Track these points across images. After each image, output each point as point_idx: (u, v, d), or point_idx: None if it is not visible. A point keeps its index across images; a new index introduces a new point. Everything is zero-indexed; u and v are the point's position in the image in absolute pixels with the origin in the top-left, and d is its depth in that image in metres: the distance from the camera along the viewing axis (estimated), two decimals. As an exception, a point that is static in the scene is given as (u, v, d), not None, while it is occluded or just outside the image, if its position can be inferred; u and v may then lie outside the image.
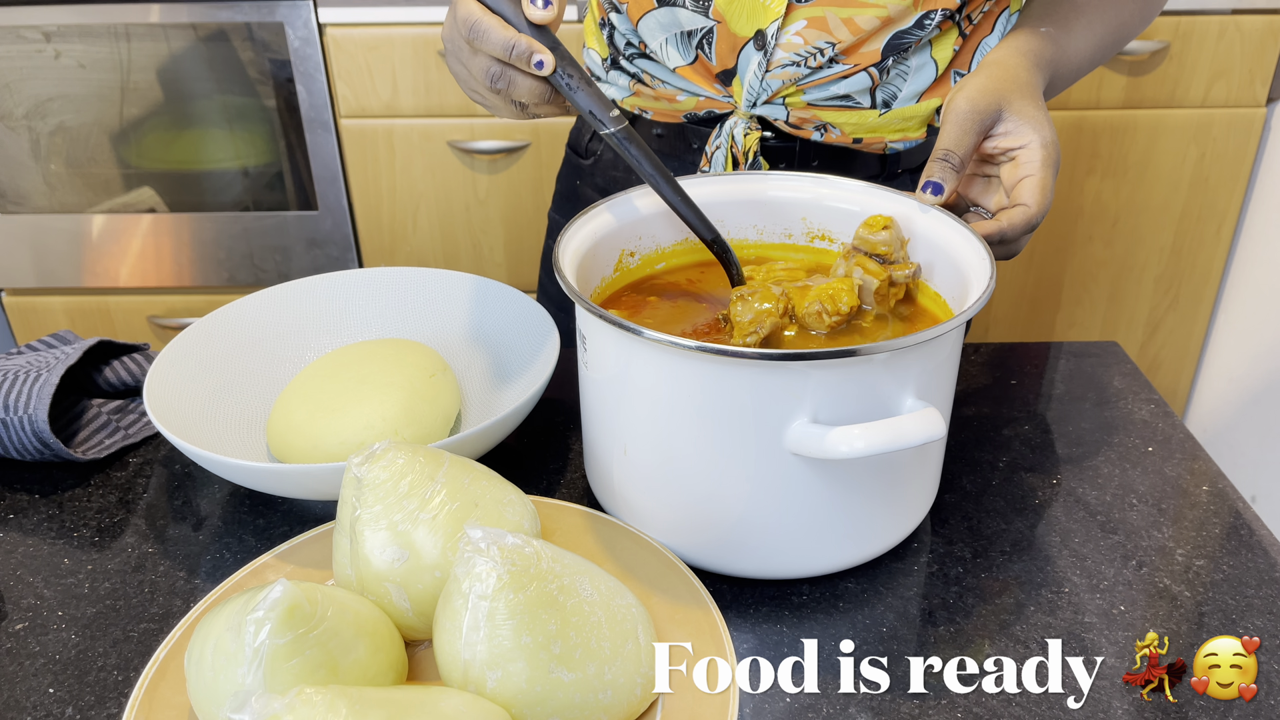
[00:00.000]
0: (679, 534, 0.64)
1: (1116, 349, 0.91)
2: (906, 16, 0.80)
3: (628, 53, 0.89)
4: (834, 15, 0.80)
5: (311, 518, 0.73)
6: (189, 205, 1.79)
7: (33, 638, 0.63)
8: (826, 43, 0.81)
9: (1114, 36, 0.85)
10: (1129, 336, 1.90)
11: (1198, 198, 1.76)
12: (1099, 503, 0.73)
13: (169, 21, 1.64)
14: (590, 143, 0.99)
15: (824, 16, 0.81)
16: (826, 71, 0.83)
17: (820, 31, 0.81)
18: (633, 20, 0.87)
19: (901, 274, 0.70)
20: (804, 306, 0.67)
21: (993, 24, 0.86)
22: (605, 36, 0.91)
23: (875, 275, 0.69)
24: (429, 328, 0.87)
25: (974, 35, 0.85)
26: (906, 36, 0.82)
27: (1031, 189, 0.71)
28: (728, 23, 0.83)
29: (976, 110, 0.71)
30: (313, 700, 0.45)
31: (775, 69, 0.83)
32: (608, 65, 0.92)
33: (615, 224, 0.72)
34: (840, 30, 0.81)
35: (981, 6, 0.84)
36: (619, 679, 0.53)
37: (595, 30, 0.93)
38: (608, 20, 0.90)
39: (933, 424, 0.56)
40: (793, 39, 0.82)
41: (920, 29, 0.81)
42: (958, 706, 0.58)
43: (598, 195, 0.99)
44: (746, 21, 0.82)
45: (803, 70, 0.83)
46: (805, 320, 0.68)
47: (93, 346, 0.81)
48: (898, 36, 0.82)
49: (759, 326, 0.66)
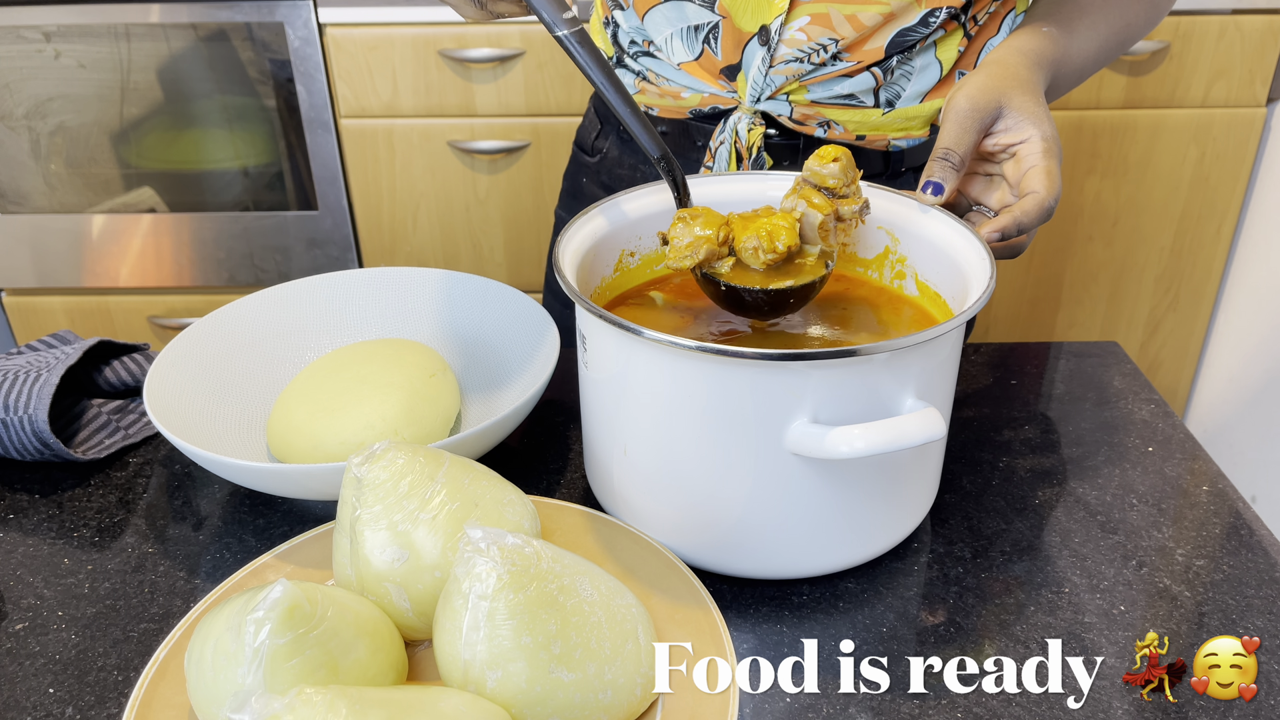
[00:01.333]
0: (679, 534, 0.64)
1: (1116, 349, 0.91)
2: (910, 13, 0.80)
3: (632, 50, 0.90)
4: (837, 11, 0.81)
5: (311, 518, 0.73)
6: (189, 205, 1.79)
7: (33, 638, 0.63)
8: (830, 39, 0.81)
9: (1119, 37, 0.84)
10: (1129, 336, 1.90)
11: (1198, 198, 1.76)
12: (1099, 503, 0.73)
13: (169, 21, 1.64)
14: (596, 140, 1.00)
15: (827, 13, 0.81)
16: (830, 68, 0.83)
17: (823, 27, 0.81)
18: (639, 14, 0.87)
19: (849, 209, 0.68)
20: (741, 240, 0.66)
21: (999, 25, 0.86)
22: (609, 35, 0.92)
23: (819, 209, 0.67)
24: (429, 328, 0.87)
25: (979, 36, 0.85)
26: (910, 34, 0.82)
27: (1039, 176, 0.70)
28: (733, 18, 0.83)
29: (976, 108, 0.71)
30: (313, 700, 0.45)
31: (779, 64, 0.83)
32: (613, 63, 0.92)
33: (615, 224, 0.72)
34: (844, 26, 0.81)
35: (988, 7, 0.84)
36: (619, 679, 0.53)
37: (600, 29, 0.93)
38: (611, 19, 0.90)
39: (933, 424, 0.56)
40: (796, 34, 0.82)
41: (924, 26, 0.81)
42: (958, 706, 0.58)
43: (603, 192, 0.99)
44: (751, 16, 0.82)
45: (806, 66, 0.83)
46: (742, 255, 0.66)
47: (93, 346, 0.81)
48: (902, 34, 0.82)
49: (695, 251, 0.65)
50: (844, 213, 0.68)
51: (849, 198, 0.68)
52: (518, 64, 1.67)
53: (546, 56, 1.66)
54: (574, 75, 1.67)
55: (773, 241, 0.66)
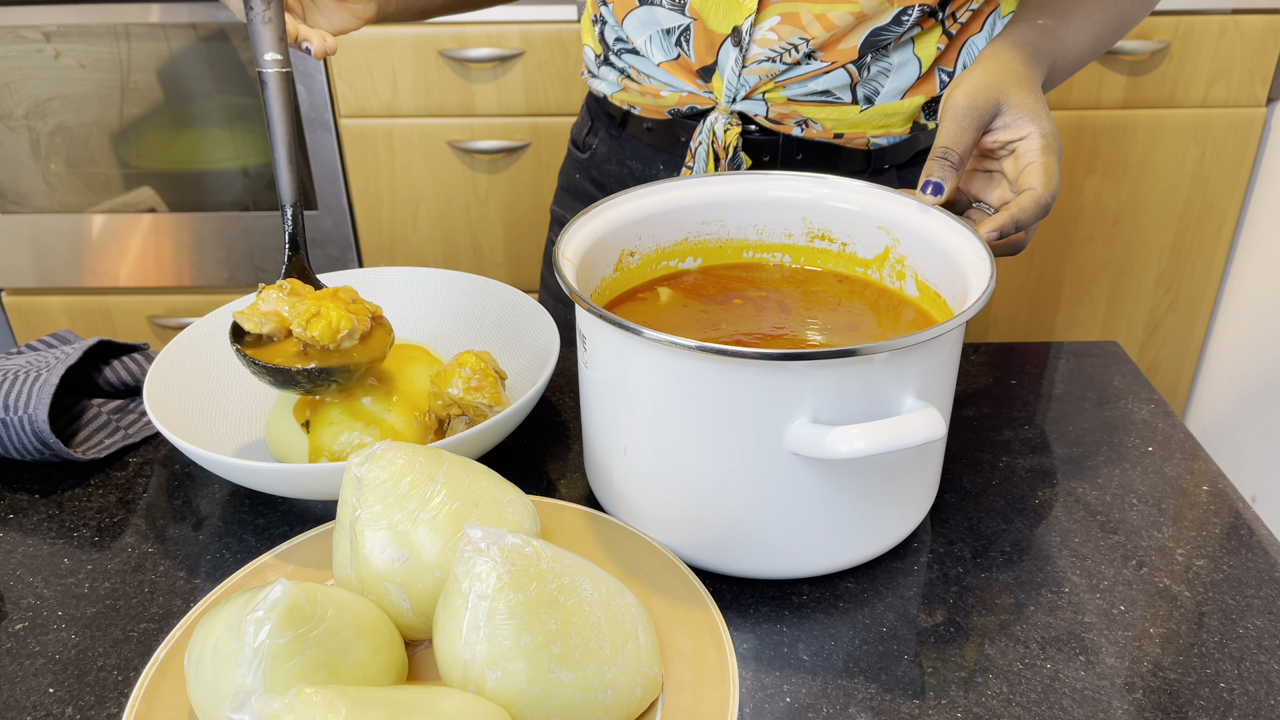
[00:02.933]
0: (679, 534, 0.64)
1: (1116, 349, 0.91)
2: (882, 13, 0.80)
3: (616, 48, 0.90)
4: (806, 11, 0.81)
5: (311, 518, 0.73)
6: (189, 205, 1.79)
7: (33, 638, 0.63)
8: (800, 39, 0.81)
9: (1114, 26, 0.84)
10: (1129, 336, 1.90)
11: (1198, 198, 1.76)
12: (1099, 503, 0.73)
13: (169, 21, 1.64)
14: (587, 137, 1.00)
15: (796, 12, 0.81)
16: (804, 68, 0.83)
17: (794, 28, 0.81)
18: (618, 18, 0.88)
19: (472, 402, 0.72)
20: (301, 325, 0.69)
21: (981, 23, 0.86)
22: (597, 33, 0.92)
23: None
24: (429, 328, 0.87)
25: (961, 34, 0.85)
26: (884, 33, 0.82)
27: (1036, 173, 0.70)
28: (704, 20, 0.83)
29: (974, 106, 0.71)
30: (313, 700, 0.45)
31: (752, 64, 0.83)
32: (600, 60, 0.93)
33: (615, 224, 0.72)
34: (814, 26, 0.81)
35: (969, 5, 0.84)
36: (619, 679, 0.53)
37: (589, 26, 0.94)
38: (600, 16, 0.91)
39: (933, 424, 0.56)
40: (767, 35, 0.82)
41: (898, 25, 0.81)
42: (958, 706, 0.58)
43: (594, 189, 1.00)
44: (722, 18, 0.83)
45: (779, 66, 0.83)
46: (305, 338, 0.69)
47: (93, 346, 0.81)
48: (875, 34, 0.81)
49: (264, 321, 0.68)
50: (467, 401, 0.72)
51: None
52: (518, 64, 1.67)
53: (546, 56, 1.66)
54: (574, 75, 1.68)
55: (333, 333, 0.68)
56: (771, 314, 0.73)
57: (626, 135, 0.96)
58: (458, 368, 0.72)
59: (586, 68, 0.96)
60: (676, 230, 0.76)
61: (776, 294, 0.75)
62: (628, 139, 0.96)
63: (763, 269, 0.78)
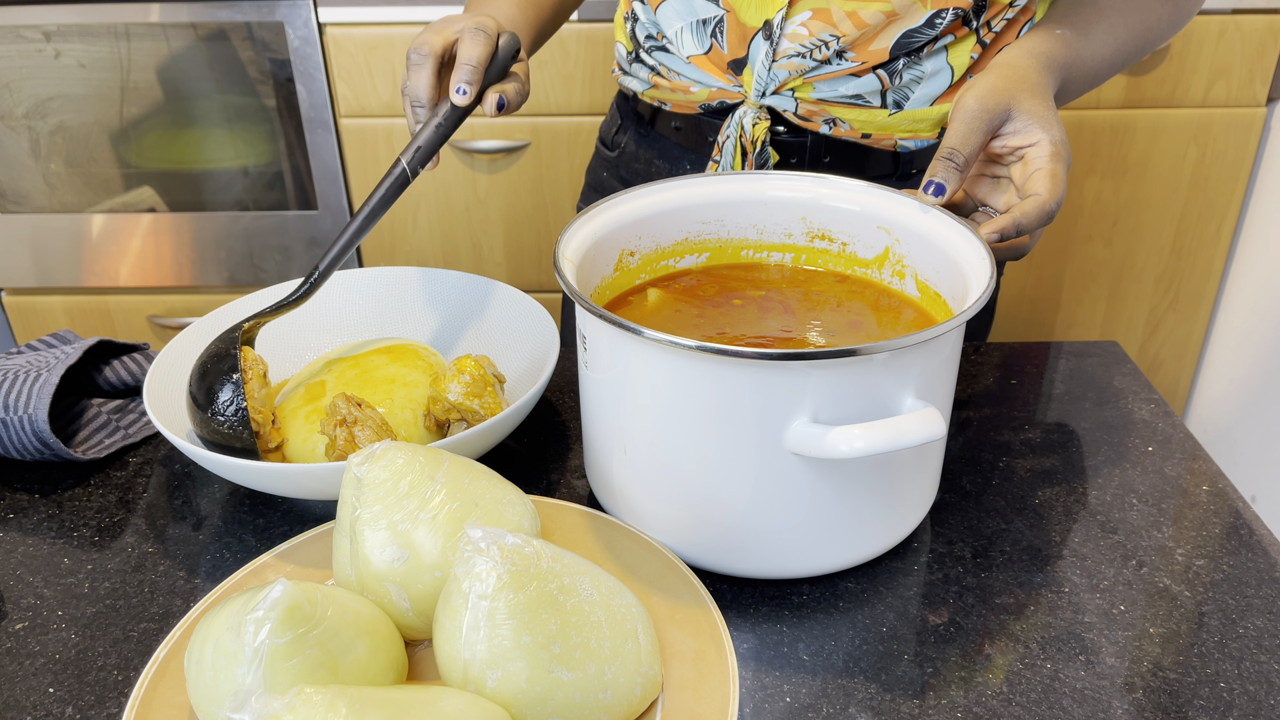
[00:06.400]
0: (679, 534, 0.64)
1: (1116, 349, 0.91)
2: (914, 14, 0.80)
3: (647, 45, 0.91)
4: (838, 8, 0.81)
5: (311, 518, 0.73)
6: (189, 205, 1.79)
7: (33, 638, 0.63)
8: (831, 35, 0.81)
9: (1139, 41, 0.82)
10: (1129, 336, 1.90)
11: (1198, 198, 1.76)
12: (1099, 503, 0.73)
13: (169, 21, 1.64)
14: (615, 135, 1.01)
15: (828, 9, 0.81)
16: (834, 66, 0.83)
17: (825, 24, 0.81)
18: (652, 8, 0.88)
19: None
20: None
21: (1016, 32, 0.85)
22: (629, 30, 0.93)
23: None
24: (429, 328, 0.87)
25: (995, 44, 0.85)
26: (916, 36, 0.81)
27: (1042, 179, 0.70)
28: (737, 12, 0.84)
29: (985, 110, 0.71)
30: (313, 700, 0.45)
31: (781, 59, 0.83)
32: (631, 58, 0.94)
33: (615, 223, 0.72)
34: (845, 23, 0.81)
35: (1004, 14, 0.83)
36: (619, 679, 0.53)
37: (621, 23, 0.95)
38: (633, 13, 0.92)
39: (933, 424, 0.56)
40: (798, 30, 0.82)
41: (930, 28, 0.81)
42: (958, 706, 0.58)
43: (621, 187, 1.00)
44: (755, 11, 0.83)
45: (809, 62, 0.83)
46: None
47: (93, 346, 0.81)
48: (907, 35, 0.81)
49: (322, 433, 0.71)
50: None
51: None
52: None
53: (546, 56, 1.66)
54: (573, 75, 1.68)
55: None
56: (771, 314, 0.73)
57: (655, 134, 0.96)
58: (457, 373, 0.72)
59: (618, 64, 0.97)
60: (676, 230, 0.76)
61: (776, 294, 0.75)
62: (656, 138, 0.96)
63: (763, 269, 0.78)
